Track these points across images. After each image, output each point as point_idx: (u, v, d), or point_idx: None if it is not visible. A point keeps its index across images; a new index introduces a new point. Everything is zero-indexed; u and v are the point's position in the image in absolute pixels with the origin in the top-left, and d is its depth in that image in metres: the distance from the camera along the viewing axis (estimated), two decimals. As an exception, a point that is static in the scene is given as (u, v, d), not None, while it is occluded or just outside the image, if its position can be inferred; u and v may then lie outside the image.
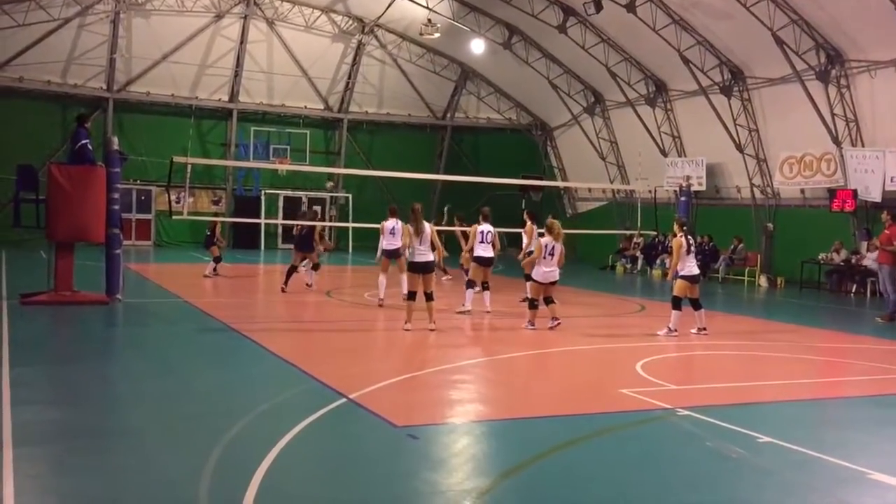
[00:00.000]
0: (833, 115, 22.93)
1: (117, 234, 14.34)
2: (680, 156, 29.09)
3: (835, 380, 10.47)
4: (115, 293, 14.29)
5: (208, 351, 10.79)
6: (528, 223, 16.33)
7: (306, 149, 32.88)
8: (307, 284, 17.91)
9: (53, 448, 6.21)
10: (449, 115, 35.64)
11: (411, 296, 12.29)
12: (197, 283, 18.69)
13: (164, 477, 5.62)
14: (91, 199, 13.83)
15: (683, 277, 12.88)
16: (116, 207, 14.27)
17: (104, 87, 30.39)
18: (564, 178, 35.34)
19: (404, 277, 13.82)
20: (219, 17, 30.39)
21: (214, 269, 19.86)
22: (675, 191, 28.98)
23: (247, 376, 9.12)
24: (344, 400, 7.79)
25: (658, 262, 27.94)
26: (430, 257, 12.29)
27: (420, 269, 12.28)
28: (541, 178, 34.34)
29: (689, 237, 12.95)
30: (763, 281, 24.85)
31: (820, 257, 23.56)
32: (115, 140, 14.44)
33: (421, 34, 29.81)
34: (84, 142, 13.85)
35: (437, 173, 33.79)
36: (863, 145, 22.92)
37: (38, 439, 6.38)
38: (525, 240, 16.10)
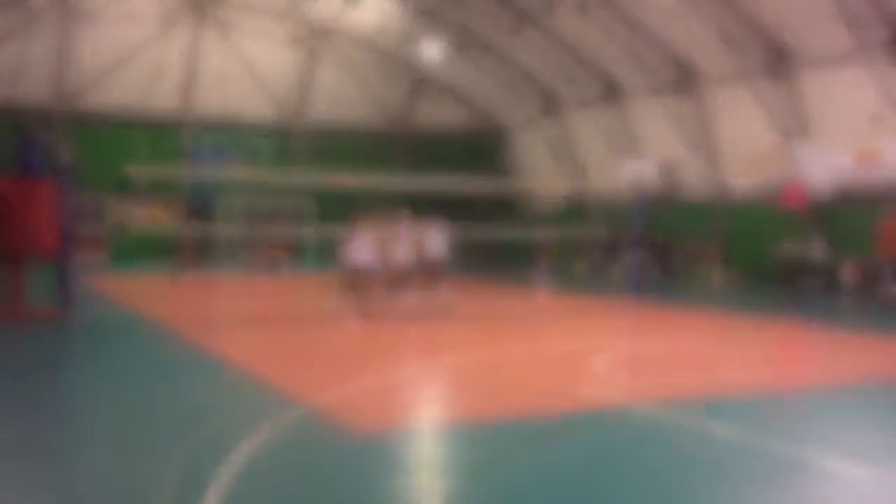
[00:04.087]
0: (781, 111, 23.37)
1: (69, 249, 14.10)
2: (635, 155, 29.40)
3: (788, 370, 10.64)
4: (69, 308, 14.06)
5: (162, 362, 10.64)
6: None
7: (261, 155, 32.60)
8: None
9: (2, 465, 6.12)
10: (406, 119, 35.63)
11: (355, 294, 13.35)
12: (153, 296, 18.49)
13: (118, 492, 5.56)
14: (41, 213, 13.60)
15: None
16: (68, 221, 14.03)
17: (53, 98, 29.89)
18: (523, 179, 35.52)
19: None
20: (169, 24, 30.07)
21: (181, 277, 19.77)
22: (632, 190, 29.46)
23: (202, 386, 9.03)
24: (300, 406, 7.77)
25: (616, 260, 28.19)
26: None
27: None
28: (500, 180, 34.53)
29: None
30: (719, 275, 25.21)
31: (773, 251, 23.99)
32: (65, 152, 14.19)
33: (374, 39, 29.83)
34: (31, 157, 13.61)
35: (396, 177, 33.74)
36: (812, 141, 23.38)
37: (-13, 458, 6.28)
38: None
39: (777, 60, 23.02)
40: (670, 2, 23.06)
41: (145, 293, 19.35)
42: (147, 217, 31.27)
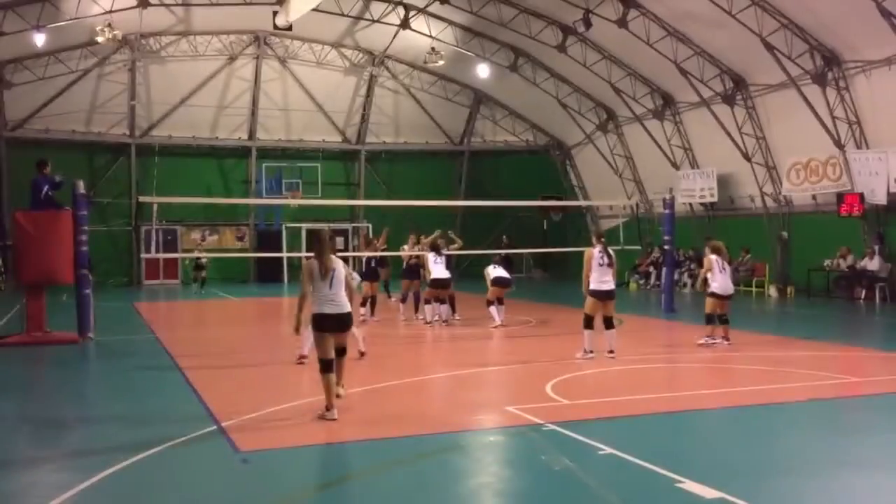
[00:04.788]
0: (834, 118, 22.41)
1: (86, 275, 14.87)
2: (692, 168, 28.72)
3: (733, 390, 10.00)
4: (87, 332, 14.81)
5: (130, 382, 11.06)
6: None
7: (319, 181, 33.39)
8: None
9: None
10: (466, 140, 35.89)
11: (326, 366, 8.45)
12: (183, 319, 19.32)
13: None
14: (58, 242, 14.43)
15: (593, 293, 12.09)
16: (85, 249, 14.82)
17: (127, 132, 31.57)
18: (585, 197, 35.17)
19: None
20: (232, 59, 31.33)
21: None
22: (689, 204, 28.80)
23: (145, 406, 9.41)
24: (213, 427, 8.01)
25: (678, 277, 27.37)
26: (347, 307, 8.62)
27: (333, 325, 8.51)
28: (561, 199, 34.31)
29: (607, 249, 12.19)
30: (772, 291, 24.29)
31: (826, 264, 22.97)
32: (81, 184, 14.99)
33: (425, 63, 30.27)
34: (45, 188, 14.50)
35: (458, 199, 34.05)
36: (867, 147, 22.31)
37: None
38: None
39: (826, 65, 22.11)
40: (710, 10, 22.45)
41: (182, 316, 20.20)
42: (216, 244, 32.55)
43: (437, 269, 16.58)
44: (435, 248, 17.07)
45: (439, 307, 16.91)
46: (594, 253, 12.07)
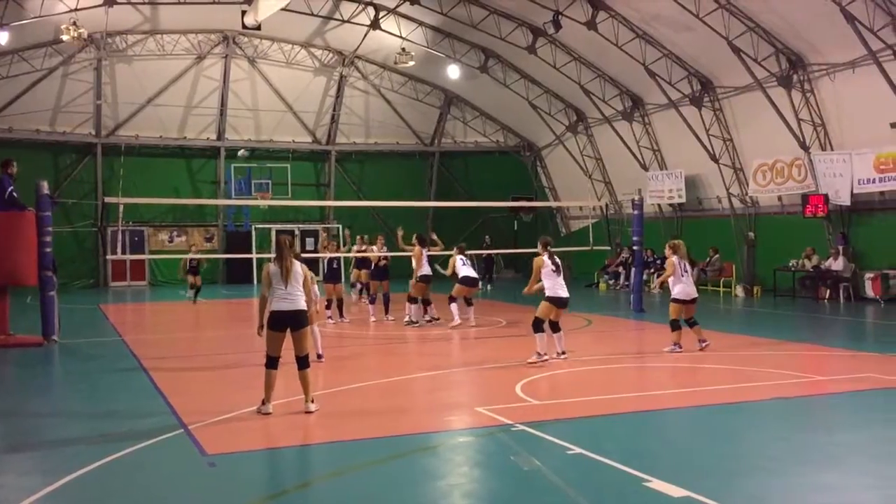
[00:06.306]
0: (799, 120, 22.70)
1: (50, 277, 14.65)
2: (661, 169, 28.94)
3: (700, 389, 10.14)
4: (52, 335, 14.60)
5: (95, 385, 10.91)
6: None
7: (288, 182, 33.19)
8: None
9: None
10: (436, 140, 35.85)
11: (271, 363, 8.66)
12: (149, 321, 19.10)
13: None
14: (21, 243, 14.21)
15: (548, 299, 11.97)
16: (48, 250, 14.60)
17: (93, 132, 31.15)
18: (556, 198, 35.32)
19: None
20: (200, 58, 31.03)
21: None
22: (658, 205, 29.07)
23: (110, 409, 9.29)
24: (180, 430, 7.93)
25: (647, 277, 27.58)
26: (302, 304, 8.81)
27: (287, 321, 8.68)
28: (531, 199, 34.44)
29: (554, 257, 12.05)
30: (739, 291, 24.54)
31: (791, 264, 23.27)
32: (45, 184, 14.76)
33: (396, 63, 30.20)
34: (10, 189, 14.26)
35: (429, 199, 34.03)
36: (832, 149, 22.63)
37: None
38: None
39: (791, 68, 22.40)
40: (679, 13, 22.65)
41: (148, 318, 19.96)
42: (184, 245, 32.16)
43: (428, 266, 16.93)
44: (422, 243, 17.26)
45: (412, 307, 16.95)
46: (545, 261, 12.02)
